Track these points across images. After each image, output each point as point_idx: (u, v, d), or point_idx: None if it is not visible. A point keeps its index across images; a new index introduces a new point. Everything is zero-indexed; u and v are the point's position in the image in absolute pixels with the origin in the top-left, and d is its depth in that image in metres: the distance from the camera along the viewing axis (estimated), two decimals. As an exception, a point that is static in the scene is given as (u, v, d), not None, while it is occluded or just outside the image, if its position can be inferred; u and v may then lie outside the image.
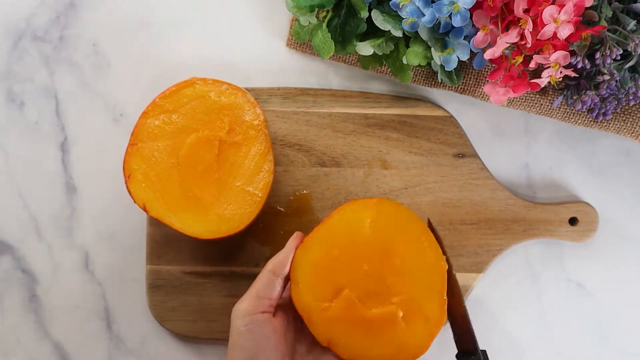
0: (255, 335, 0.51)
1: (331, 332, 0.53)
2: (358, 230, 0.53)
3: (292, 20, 0.62)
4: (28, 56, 0.62)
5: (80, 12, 0.62)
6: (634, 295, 0.65)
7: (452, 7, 0.52)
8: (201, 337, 0.62)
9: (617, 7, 0.55)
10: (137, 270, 0.63)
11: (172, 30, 0.63)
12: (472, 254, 0.63)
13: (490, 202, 0.63)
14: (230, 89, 0.57)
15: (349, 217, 0.53)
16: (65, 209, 0.63)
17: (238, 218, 0.57)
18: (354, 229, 0.53)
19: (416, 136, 0.63)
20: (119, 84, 0.63)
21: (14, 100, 0.63)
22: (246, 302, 0.52)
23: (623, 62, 0.57)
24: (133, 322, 0.64)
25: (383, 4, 0.56)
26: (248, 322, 0.51)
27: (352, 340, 0.53)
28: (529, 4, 0.51)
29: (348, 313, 0.52)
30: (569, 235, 0.63)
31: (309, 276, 0.53)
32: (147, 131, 0.57)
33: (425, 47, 0.57)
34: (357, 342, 0.53)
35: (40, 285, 0.63)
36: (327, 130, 0.63)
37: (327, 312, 0.52)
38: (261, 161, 0.57)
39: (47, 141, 0.63)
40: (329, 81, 0.64)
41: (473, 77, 0.62)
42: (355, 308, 0.52)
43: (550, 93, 0.62)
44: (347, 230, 0.53)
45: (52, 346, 0.63)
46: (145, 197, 0.56)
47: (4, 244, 0.63)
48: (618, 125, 0.62)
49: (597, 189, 0.65)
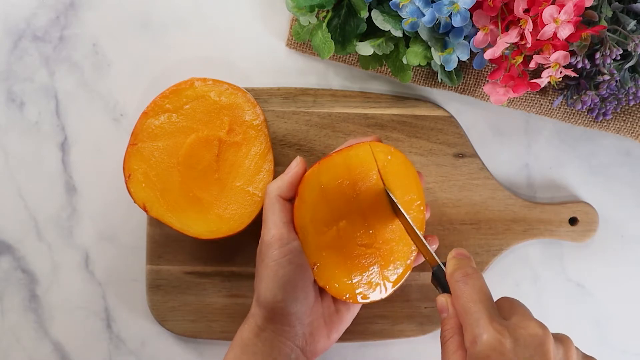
0: (294, 265, 0.51)
1: (320, 256, 0.53)
2: (368, 171, 0.54)
3: (292, 20, 0.62)
4: (28, 56, 0.62)
5: (80, 12, 0.62)
6: (634, 295, 0.65)
7: (452, 7, 0.52)
8: (201, 337, 0.62)
9: (617, 7, 0.55)
10: (137, 270, 0.63)
11: (172, 30, 0.63)
12: (472, 254, 0.63)
13: (490, 202, 0.63)
14: (230, 89, 0.57)
15: (364, 155, 0.54)
16: (65, 209, 0.63)
17: (238, 218, 0.57)
18: (365, 169, 0.54)
19: (416, 136, 0.63)
20: (119, 84, 0.63)
21: (14, 100, 0.63)
22: (279, 229, 0.51)
23: (623, 62, 0.57)
24: (133, 322, 0.64)
25: (383, 4, 0.56)
26: (287, 252, 0.51)
27: (334, 269, 0.54)
28: (529, 4, 0.51)
29: (339, 243, 0.53)
30: (569, 235, 0.63)
31: (315, 197, 0.53)
32: (147, 131, 0.57)
33: (425, 47, 0.57)
34: (337, 272, 0.54)
35: (40, 285, 0.63)
36: (327, 130, 0.63)
37: (322, 236, 0.53)
38: (261, 161, 0.57)
39: (47, 141, 0.63)
40: (329, 81, 0.64)
41: (473, 77, 0.62)
42: (347, 240, 0.54)
43: (550, 93, 0.62)
44: (359, 167, 0.54)
45: (52, 346, 0.63)
46: (145, 197, 0.56)
47: (4, 244, 0.63)
48: (618, 125, 0.62)
49: (597, 189, 0.65)
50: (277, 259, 0.51)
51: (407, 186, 0.56)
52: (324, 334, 0.54)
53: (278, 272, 0.51)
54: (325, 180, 0.53)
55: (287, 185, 0.53)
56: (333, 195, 0.54)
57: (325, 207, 0.54)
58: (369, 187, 0.54)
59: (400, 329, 0.63)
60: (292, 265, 0.51)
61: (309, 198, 0.53)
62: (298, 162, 0.54)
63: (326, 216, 0.54)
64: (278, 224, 0.52)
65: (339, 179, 0.54)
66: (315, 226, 0.53)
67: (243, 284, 0.62)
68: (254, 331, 0.52)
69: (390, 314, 0.63)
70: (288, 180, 0.53)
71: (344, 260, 0.54)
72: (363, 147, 0.54)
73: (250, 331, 0.52)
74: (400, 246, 0.56)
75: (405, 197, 0.55)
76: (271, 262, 0.51)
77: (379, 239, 0.55)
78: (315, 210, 0.53)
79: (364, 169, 0.54)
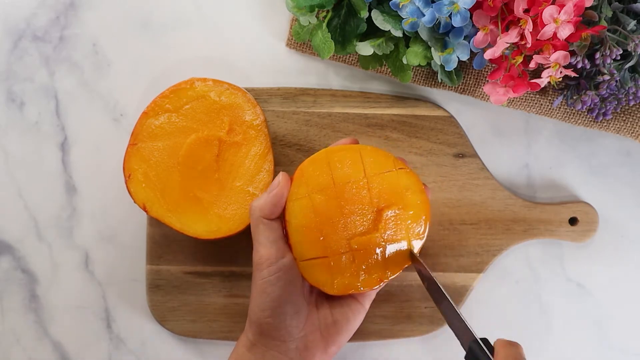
0: (283, 281, 0.52)
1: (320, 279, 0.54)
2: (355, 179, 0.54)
3: (292, 20, 0.62)
4: (28, 56, 0.62)
5: (80, 12, 0.62)
6: (634, 295, 0.65)
7: (452, 7, 0.52)
8: (201, 337, 0.62)
9: (617, 7, 0.55)
10: (137, 270, 0.63)
11: (172, 30, 0.63)
12: (472, 254, 0.63)
13: (490, 202, 0.63)
14: (230, 89, 0.57)
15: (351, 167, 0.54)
16: (65, 209, 0.63)
17: (238, 218, 0.57)
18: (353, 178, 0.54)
19: (416, 136, 0.63)
20: (119, 84, 0.63)
21: (14, 100, 0.63)
22: (267, 249, 0.52)
23: (623, 62, 0.57)
24: (133, 322, 0.64)
25: (383, 4, 0.56)
26: (275, 270, 0.51)
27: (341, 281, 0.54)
28: (529, 4, 0.51)
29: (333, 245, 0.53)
30: (569, 235, 0.63)
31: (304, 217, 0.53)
32: (147, 131, 0.57)
33: (425, 47, 0.57)
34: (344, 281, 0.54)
35: (40, 285, 0.63)
36: (327, 130, 0.63)
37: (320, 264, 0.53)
38: (261, 161, 0.57)
39: (47, 141, 0.63)
40: (329, 81, 0.64)
41: (473, 77, 0.62)
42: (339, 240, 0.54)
43: (550, 93, 0.62)
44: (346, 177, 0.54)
45: (52, 346, 0.63)
46: (145, 197, 0.56)
47: (4, 244, 0.63)
48: (618, 125, 0.62)
49: (597, 189, 0.65)
50: (265, 277, 0.51)
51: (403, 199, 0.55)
52: (321, 347, 0.54)
53: (266, 289, 0.51)
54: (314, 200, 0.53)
55: (269, 207, 0.52)
56: (323, 208, 0.53)
57: (315, 220, 0.53)
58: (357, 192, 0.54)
59: (400, 329, 0.63)
60: (280, 282, 0.51)
61: (296, 219, 0.53)
62: (280, 181, 0.53)
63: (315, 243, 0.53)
64: (264, 244, 0.52)
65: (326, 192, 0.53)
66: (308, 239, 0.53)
67: (243, 284, 0.62)
68: (246, 345, 0.53)
69: (390, 314, 0.63)
70: (270, 201, 0.52)
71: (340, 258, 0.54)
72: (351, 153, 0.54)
73: (243, 345, 0.53)
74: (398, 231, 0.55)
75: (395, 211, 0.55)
76: (259, 281, 0.52)
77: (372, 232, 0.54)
78: (302, 243, 0.53)
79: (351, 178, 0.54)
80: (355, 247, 0.54)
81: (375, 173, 0.55)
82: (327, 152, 0.54)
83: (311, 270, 0.54)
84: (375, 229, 0.54)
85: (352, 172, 0.54)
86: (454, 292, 0.63)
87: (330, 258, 0.54)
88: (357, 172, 0.54)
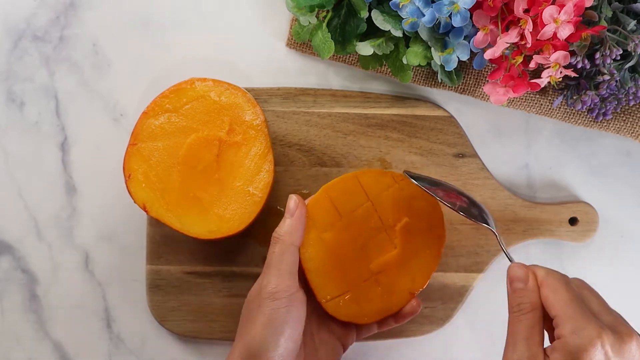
0: (291, 313, 0.50)
1: (351, 313, 0.55)
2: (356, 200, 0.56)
3: (292, 20, 0.62)
4: (28, 56, 0.62)
5: (80, 12, 0.62)
6: (634, 295, 0.65)
7: (452, 7, 0.52)
8: (201, 337, 0.62)
9: (617, 7, 0.55)
10: (137, 270, 0.63)
11: (172, 30, 0.63)
12: (472, 254, 0.63)
13: (490, 202, 0.63)
14: (230, 89, 0.57)
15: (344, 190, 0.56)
16: (65, 209, 0.63)
17: (238, 218, 0.57)
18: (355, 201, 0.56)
19: (416, 136, 0.63)
20: (119, 84, 0.63)
21: (14, 100, 0.63)
22: (286, 280, 0.51)
23: (623, 62, 0.57)
24: (133, 322, 0.64)
25: (383, 4, 0.56)
26: (288, 303, 0.50)
27: (371, 308, 0.56)
28: (529, 4, 0.51)
29: (363, 286, 0.55)
30: (569, 235, 0.63)
31: (320, 273, 0.55)
32: (147, 131, 0.57)
33: (425, 47, 0.57)
34: (374, 307, 0.56)
35: (40, 285, 0.63)
36: (327, 130, 0.63)
37: (347, 300, 0.55)
38: (261, 161, 0.57)
39: (47, 141, 0.63)
40: (329, 81, 0.64)
41: (473, 77, 0.62)
42: (368, 279, 0.55)
43: (550, 93, 0.62)
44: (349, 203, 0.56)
45: (52, 346, 0.63)
46: (145, 197, 0.56)
47: (4, 244, 0.63)
48: (618, 125, 0.62)
49: (597, 189, 0.65)
50: (277, 307, 0.50)
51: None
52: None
53: (275, 321, 0.50)
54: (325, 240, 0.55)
55: (296, 231, 0.53)
56: (335, 244, 0.55)
57: (332, 260, 0.55)
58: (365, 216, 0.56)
59: (400, 329, 0.63)
60: (290, 315, 0.50)
61: (313, 263, 0.54)
62: (296, 201, 0.54)
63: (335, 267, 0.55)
64: (284, 275, 0.51)
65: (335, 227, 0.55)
66: (329, 279, 0.55)
67: (243, 284, 0.62)
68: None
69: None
70: (296, 225, 0.53)
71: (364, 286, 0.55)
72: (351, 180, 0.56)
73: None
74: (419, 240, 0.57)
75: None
76: (268, 310, 0.50)
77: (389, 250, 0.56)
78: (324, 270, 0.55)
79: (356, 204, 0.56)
80: (376, 270, 0.55)
81: (377, 193, 0.55)
82: (325, 190, 0.56)
83: (339, 307, 0.55)
84: (391, 246, 0.55)
85: (356, 199, 0.55)
86: (454, 292, 0.63)
87: (354, 290, 0.55)
88: (360, 197, 0.55)
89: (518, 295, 0.48)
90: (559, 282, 0.47)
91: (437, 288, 0.63)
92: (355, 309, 0.55)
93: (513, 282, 0.49)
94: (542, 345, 0.46)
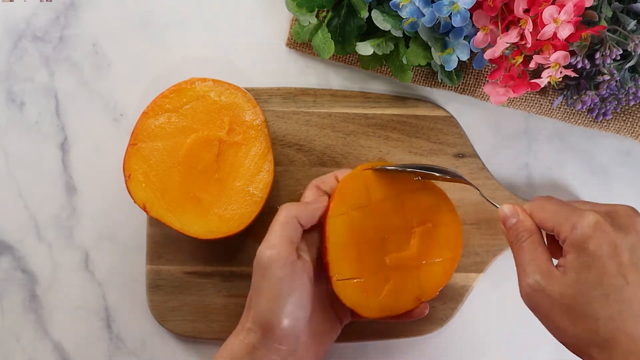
0: (296, 282, 0.50)
1: (356, 300, 0.55)
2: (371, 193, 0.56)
3: (292, 20, 0.62)
4: (28, 56, 0.62)
5: (80, 12, 0.62)
6: (634, 295, 0.65)
7: (452, 7, 0.52)
8: (201, 337, 0.62)
9: (617, 7, 0.55)
10: (137, 270, 0.63)
11: (172, 30, 0.63)
12: (472, 254, 0.63)
13: (490, 202, 0.63)
14: (230, 89, 0.57)
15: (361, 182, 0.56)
16: (65, 209, 0.63)
17: (238, 218, 0.57)
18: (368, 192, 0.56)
19: (416, 136, 0.63)
20: (119, 84, 0.63)
21: (14, 100, 0.63)
22: (281, 249, 0.50)
23: (623, 62, 0.57)
24: (133, 322, 0.64)
25: (383, 4, 0.56)
26: (290, 271, 0.50)
27: (376, 303, 0.55)
28: (529, 4, 0.51)
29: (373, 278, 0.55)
30: (569, 235, 0.63)
31: (339, 248, 0.54)
32: (147, 131, 0.57)
33: (425, 47, 0.57)
34: (379, 302, 0.55)
35: (40, 285, 0.63)
36: (327, 130, 0.63)
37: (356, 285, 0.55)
38: (261, 161, 0.57)
39: (47, 141, 0.63)
40: (329, 81, 0.64)
41: (473, 77, 0.62)
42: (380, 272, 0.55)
43: (550, 93, 0.62)
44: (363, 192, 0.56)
45: (52, 346, 0.63)
46: (145, 197, 0.56)
47: (4, 244, 0.63)
48: (618, 125, 0.62)
49: (597, 189, 0.65)
50: (282, 277, 0.49)
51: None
52: (312, 353, 0.54)
53: (283, 290, 0.49)
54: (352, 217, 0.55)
55: (309, 216, 0.53)
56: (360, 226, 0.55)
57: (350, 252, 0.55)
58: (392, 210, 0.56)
59: (400, 329, 0.63)
60: (295, 284, 0.50)
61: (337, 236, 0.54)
62: (324, 200, 0.54)
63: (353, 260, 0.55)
64: (284, 242, 0.51)
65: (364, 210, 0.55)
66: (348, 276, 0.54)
67: (243, 284, 0.62)
68: (246, 349, 0.50)
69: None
70: (311, 212, 0.53)
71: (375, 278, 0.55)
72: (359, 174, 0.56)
73: (242, 348, 0.50)
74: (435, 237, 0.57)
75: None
76: (276, 280, 0.50)
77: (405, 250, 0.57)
78: (343, 261, 0.54)
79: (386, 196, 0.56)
80: (390, 265, 0.55)
81: (408, 191, 0.56)
82: (362, 171, 0.56)
83: (346, 290, 0.55)
84: (408, 247, 0.56)
85: (387, 190, 0.56)
86: (454, 292, 0.63)
87: (366, 279, 0.55)
88: (391, 190, 0.56)
89: (514, 229, 0.50)
90: (544, 200, 0.50)
91: (437, 288, 0.63)
92: (361, 298, 0.55)
93: (505, 221, 0.50)
94: (551, 261, 0.47)
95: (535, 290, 0.47)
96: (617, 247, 0.44)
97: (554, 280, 0.46)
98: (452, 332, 0.64)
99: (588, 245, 0.45)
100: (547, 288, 0.46)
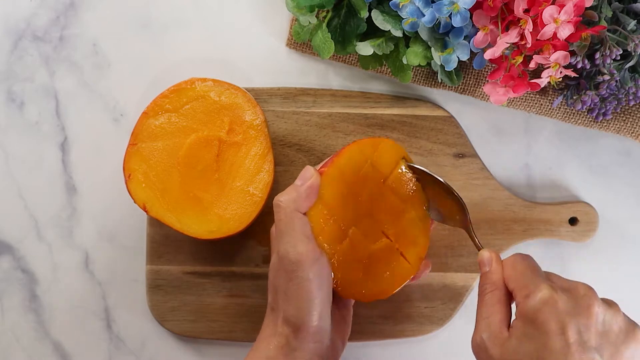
0: (322, 280, 0.49)
1: (337, 274, 0.53)
2: (360, 169, 0.54)
3: (292, 20, 0.62)
4: (28, 56, 0.62)
5: (80, 12, 0.62)
6: (634, 295, 0.65)
7: (452, 7, 0.52)
8: (201, 337, 0.62)
9: (617, 7, 0.55)
10: (137, 270, 0.63)
11: (172, 30, 0.63)
12: (472, 254, 0.63)
13: (490, 202, 0.63)
14: (230, 89, 0.57)
15: (355, 156, 0.54)
16: (65, 209, 0.63)
17: (238, 218, 0.57)
18: (358, 168, 0.54)
19: (416, 136, 0.63)
20: (119, 84, 0.63)
21: (14, 100, 0.63)
22: (306, 246, 0.49)
23: (623, 62, 0.57)
24: (133, 322, 0.64)
25: (383, 4, 0.56)
26: (319, 269, 0.49)
27: (353, 278, 0.54)
28: (529, 4, 0.51)
29: (353, 253, 0.53)
30: (569, 235, 0.63)
31: (320, 219, 0.52)
32: (147, 131, 0.57)
33: (425, 47, 0.57)
34: (357, 279, 0.54)
35: (40, 285, 0.63)
36: (327, 130, 0.63)
37: (335, 256, 0.52)
38: (261, 161, 0.57)
39: (47, 141, 0.63)
40: (329, 81, 0.64)
41: (473, 77, 0.62)
42: (359, 247, 0.54)
43: (550, 93, 0.62)
44: (353, 169, 0.54)
45: (52, 346, 0.63)
46: (145, 197, 0.56)
47: (4, 244, 0.63)
48: (618, 125, 0.62)
49: (597, 189, 0.65)
50: (311, 278, 0.48)
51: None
52: (339, 342, 0.54)
53: (312, 291, 0.49)
54: (327, 200, 0.52)
55: (303, 198, 0.51)
56: (336, 211, 0.53)
57: (332, 225, 0.53)
58: (365, 182, 0.54)
59: (400, 329, 0.63)
60: (324, 282, 0.49)
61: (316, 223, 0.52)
62: (313, 173, 0.51)
63: (334, 234, 0.53)
64: (302, 240, 0.49)
65: (338, 191, 0.53)
66: (328, 248, 0.52)
67: (243, 284, 0.62)
68: (283, 351, 0.49)
69: (390, 314, 0.63)
70: (305, 192, 0.51)
71: (361, 265, 0.54)
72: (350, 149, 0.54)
73: (279, 352, 0.49)
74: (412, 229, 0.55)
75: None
76: (304, 282, 0.48)
77: (390, 233, 0.55)
78: (324, 232, 0.52)
79: (356, 168, 0.54)
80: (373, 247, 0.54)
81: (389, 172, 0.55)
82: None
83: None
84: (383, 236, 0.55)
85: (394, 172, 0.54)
86: (454, 292, 0.63)
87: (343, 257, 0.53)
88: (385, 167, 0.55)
89: (482, 278, 0.50)
90: (519, 258, 0.50)
91: (437, 288, 0.63)
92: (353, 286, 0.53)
93: (480, 267, 0.51)
94: (506, 322, 0.47)
95: (480, 348, 0.47)
96: (565, 325, 0.44)
97: (498, 343, 0.46)
98: (452, 332, 0.64)
99: (535, 318, 0.44)
100: (490, 349, 0.46)
